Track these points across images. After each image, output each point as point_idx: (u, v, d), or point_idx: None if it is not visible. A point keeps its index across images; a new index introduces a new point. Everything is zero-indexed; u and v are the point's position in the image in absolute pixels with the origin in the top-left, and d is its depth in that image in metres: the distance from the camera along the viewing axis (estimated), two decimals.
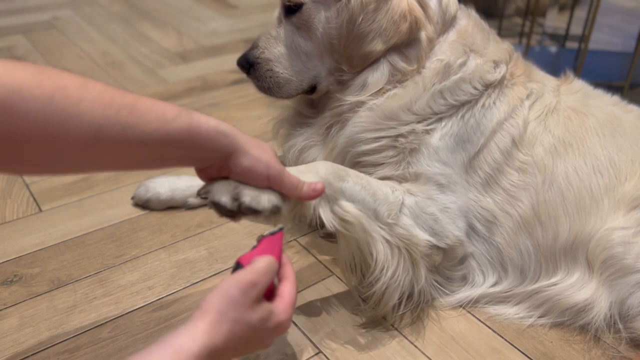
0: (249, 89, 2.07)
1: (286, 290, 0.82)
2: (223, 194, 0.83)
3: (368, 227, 1.00)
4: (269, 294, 0.81)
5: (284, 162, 1.25)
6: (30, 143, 0.63)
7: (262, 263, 0.77)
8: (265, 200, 0.84)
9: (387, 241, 1.02)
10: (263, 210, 0.84)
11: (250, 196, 0.83)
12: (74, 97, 0.65)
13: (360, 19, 1.07)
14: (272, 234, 0.85)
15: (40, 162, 0.68)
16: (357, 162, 1.13)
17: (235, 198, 0.83)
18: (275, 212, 0.86)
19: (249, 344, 0.75)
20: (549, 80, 1.23)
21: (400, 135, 1.09)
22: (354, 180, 1.02)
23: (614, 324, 1.05)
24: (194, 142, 0.76)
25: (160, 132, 0.72)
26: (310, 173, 0.98)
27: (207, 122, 0.77)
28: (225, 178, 0.85)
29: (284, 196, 0.88)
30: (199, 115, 0.77)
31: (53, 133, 0.64)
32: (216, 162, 0.82)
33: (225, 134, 0.79)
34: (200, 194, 0.86)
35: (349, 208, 0.99)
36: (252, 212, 0.84)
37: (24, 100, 0.61)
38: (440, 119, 1.10)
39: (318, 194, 0.91)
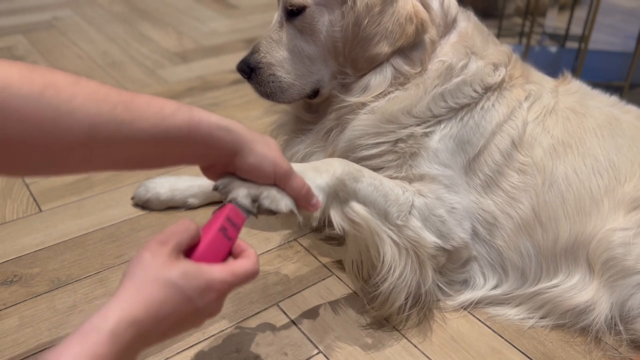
0: (249, 89, 2.05)
1: (235, 262, 0.75)
2: (243, 195, 0.82)
3: (376, 229, 1.01)
4: None
5: None
6: (22, 143, 0.61)
7: (174, 225, 0.72)
8: (283, 204, 0.85)
9: (395, 242, 1.02)
10: (280, 213, 0.85)
11: (269, 199, 0.84)
12: (65, 94, 0.63)
13: (366, 22, 1.06)
14: (221, 207, 0.83)
15: (34, 163, 0.66)
16: None
17: (255, 200, 0.83)
18: (290, 214, 0.87)
19: (179, 308, 0.66)
20: (547, 82, 1.23)
21: (400, 139, 1.09)
22: (368, 181, 1.02)
23: (615, 325, 1.05)
24: (194, 138, 0.74)
25: (158, 129, 0.70)
26: (327, 173, 0.98)
27: (209, 118, 0.75)
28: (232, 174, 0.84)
29: None
30: (200, 111, 0.75)
31: (45, 131, 0.62)
32: (220, 160, 0.80)
33: (229, 131, 0.77)
34: (218, 189, 0.84)
35: (359, 210, 1.00)
36: (270, 213, 0.85)
37: (13, 98, 0.59)
38: (439, 122, 1.10)
39: (312, 208, 0.90)
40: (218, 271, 0.71)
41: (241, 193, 0.82)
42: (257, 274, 0.77)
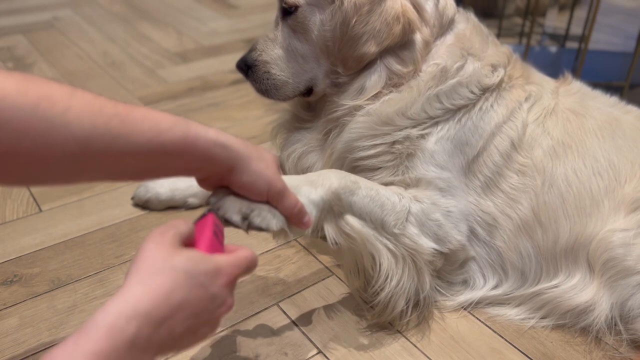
0: (249, 89, 2.05)
1: (235, 250, 0.75)
2: (234, 212, 0.82)
3: (372, 241, 1.01)
4: None
5: (282, 167, 1.26)
6: (15, 154, 0.61)
7: (170, 221, 0.71)
8: (274, 223, 0.86)
9: (392, 252, 1.02)
10: (270, 231, 0.86)
11: (260, 217, 0.84)
12: (60, 107, 0.62)
13: (354, 21, 1.07)
14: (202, 216, 0.82)
15: (28, 174, 0.65)
16: (355, 167, 1.13)
17: (245, 217, 0.84)
18: (281, 231, 0.88)
19: (191, 296, 0.63)
20: (547, 82, 1.23)
21: (396, 141, 1.09)
22: (364, 193, 1.02)
23: (615, 325, 1.05)
24: (190, 154, 0.73)
25: (154, 143, 0.69)
26: (322, 187, 0.99)
27: (206, 133, 0.74)
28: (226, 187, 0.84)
29: None
30: (197, 126, 0.74)
31: (38, 143, 0.61)
32: (216, 174, 0.80)
33: (225, 147, 0.76)
34: (211, 204, 0.84)
35: (353, 223, 1.00)
36: (260, 230, 0.86)
37: (7, 109, 0.58)
38: (436, 123, 1.09)
39: (304, 227, 0.91)
40: (223, 257, 0.70)
41: (233, 209, 0.83)
42: (257, 263, 0.77)
